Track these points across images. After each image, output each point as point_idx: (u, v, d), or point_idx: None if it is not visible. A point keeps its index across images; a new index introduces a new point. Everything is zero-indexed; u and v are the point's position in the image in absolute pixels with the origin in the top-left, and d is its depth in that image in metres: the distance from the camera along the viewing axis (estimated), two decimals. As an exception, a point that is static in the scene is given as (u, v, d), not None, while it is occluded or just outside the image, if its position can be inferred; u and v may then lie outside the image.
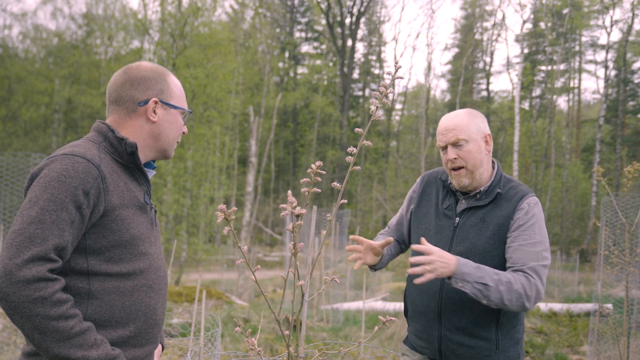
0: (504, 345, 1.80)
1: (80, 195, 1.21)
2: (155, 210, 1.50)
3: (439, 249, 1.64)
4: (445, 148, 1.85)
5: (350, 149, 1.20)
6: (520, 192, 1.82)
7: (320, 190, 1.15)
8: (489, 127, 1.89)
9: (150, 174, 1.50)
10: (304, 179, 1.14)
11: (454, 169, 1.84)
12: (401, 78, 1.26)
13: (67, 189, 1.20)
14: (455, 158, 1.81)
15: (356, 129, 1.24)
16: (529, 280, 1.66)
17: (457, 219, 1.87)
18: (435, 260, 1.60)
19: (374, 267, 2.04)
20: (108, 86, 1.46)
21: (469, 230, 1.83)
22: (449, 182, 1.93)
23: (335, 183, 1.25)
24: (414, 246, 1.68)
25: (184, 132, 1.54)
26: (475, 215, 1.84)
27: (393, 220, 2.16)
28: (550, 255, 1.76)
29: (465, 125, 1.82)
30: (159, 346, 1.57)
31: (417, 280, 1.58)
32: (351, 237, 1.95)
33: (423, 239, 1.66)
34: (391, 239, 1.90)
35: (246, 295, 11.23)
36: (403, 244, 2.14)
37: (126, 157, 1.37)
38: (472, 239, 1.81)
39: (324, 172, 1.18)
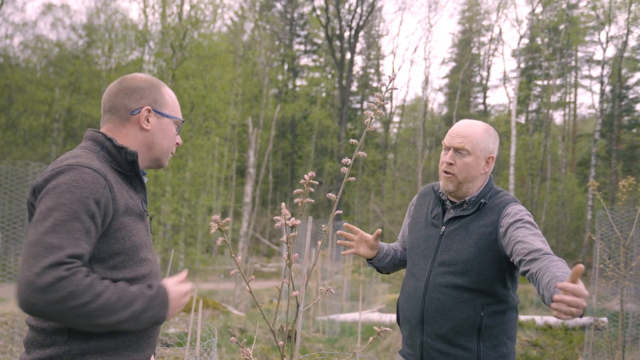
0: (487, 357, 1.79)
1: (92, 204, 1.23)
2: (150, 217, 1.53)
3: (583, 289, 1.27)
4: (448, 149, 1.88)
5: (345, 160, 1.23)
6: (504, 201, 1.85)
7: (313, 201, 1.19)
8: (497, 150, 1.91)
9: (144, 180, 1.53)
10: (297, 190, 1.17)
11: (446, 172, 1.87)
12: (396, 89, 1.31)
13: (79, 199, 1.21)
14: (451, 163, 1.85)
15: (351, 140, 1.26)
16: (563, 261, 1.54)
17: (443, 227, 1.91)
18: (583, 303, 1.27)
19: (371, 262, 2.08)
20: (103, 96, 1.49)
21: (453, 239, 1.86)
22: (440, 191, 1.97)
23: (330, 194, 1.28)
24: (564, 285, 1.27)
25: (178, 143, 1.55)
26: (460, 224, 1.87)
27: (400, 233, 2.21)
28: None
29: (476, 138, 1.84)
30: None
31: (561, 317, 1.30)
32: (345, 224, 1.98)
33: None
34: (380, 230, 1.96)
35: (243, 306, 11.18)
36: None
37: (125, 166, 1.40)
38: (455, 247, 1.84)
39: (317, 183, 1.21)
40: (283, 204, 1.13)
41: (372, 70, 37.12)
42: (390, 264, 2.11)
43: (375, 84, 36.33)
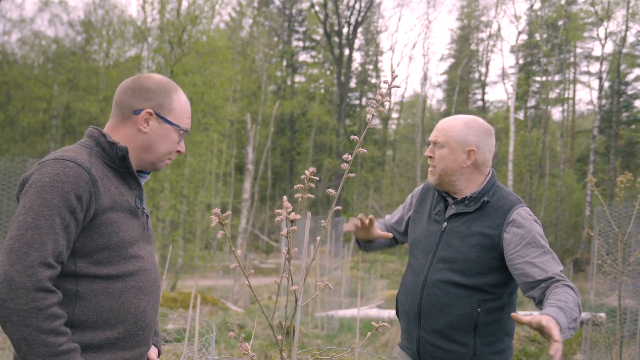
0: (482, 353, 1.79)
1: (73, 199, 1.22)
2: (147, 215, 1.50)
3: (551, 324, 1.40)
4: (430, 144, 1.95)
5: (346, 156, 1.23)
6: (509, 203, 1.82)
7: (314, 197, 1.18)
8: (484, 143, 1.88)
9: (144, 179, 1.51)
10: (298, 185, 1.16)
11: (430, 165, 1.94)
12: (397, 87, 1.30)
13: (60, 193, 1.21)
14: (430, 157, 1.90)
15: (352, 137, 1.25)
16: (572, 289, 1.61)
17: (445, 224, 1.91)
18: (550, 321, 1.40)
19: (360, 245, 2.17)
20: (117, 89, 1.49)
21: (454, 236, 1.86)
22: None
23: (330, 190, 1.28)
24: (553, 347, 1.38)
25: (179, 151, 1.51)
26: (462, 221, 1.87)
27: (394, 217, 2.21)
28: None
29: (451, 131, 1.86)
30: (155, 349, 1.58)
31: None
32: (359, 215, 2.06)
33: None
34: (391, 235, 2.02)
35: (242, 302, 11.20)
36: (394, 239, 2.22)
37: (117, 162, 1.38)
38: (456, 245, 1.84)
39: (317, 179, 1.21)
40: (285, 197, 1.12)
41: (371, 67, 37.09)
42: (379, 244, 2.21)
43: (374, 80, 36.31)
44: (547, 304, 1.57)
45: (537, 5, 27.00)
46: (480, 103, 34.34)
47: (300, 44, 36.55)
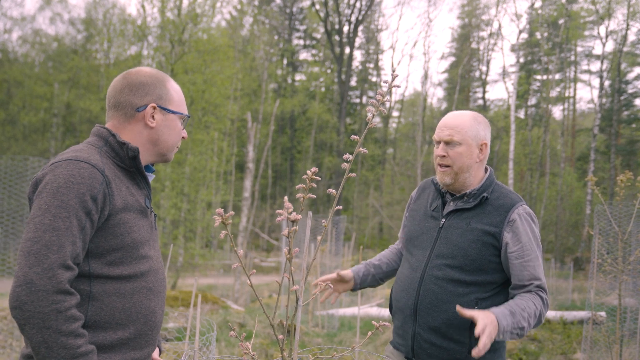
0: None
1: (88, 201, 1.22)
2: (155, 214, 1.51)
3: (482, 314, 1.64)
4: (439, 143, 1.88)
5: (346, 155, 1.23)
6: (510, 201, 1.82)
7: (315, 197, 1.18)
8: (489, 136, 1.90)
9: (150, 177, 1.51)
10: (300, 185, 1.16)
11: (441, 165, 1.87)
12: (398, 87, 1.30)
13: (76, 195, 1.20)
14: (444, 156, 1.85)
15: (352, 136, 1.26)
16: (542, 299, 1.76)
17: (443, 220, 1.90)
18: (488, 325, 1.61)
19: (354, 290, 2.17)
20: (108, 91, 1.47)
21: (452, 232, 1.85)
22: (439, 183, 1.96)
23: (330, 189, 1.28)
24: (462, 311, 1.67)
25: (183, 137, 1.54)
26: (461, 218, 1.86)
27: (401, 231, 2.21)
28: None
29: (465, 127, 1.83)
30: (156, 348, 1.59)
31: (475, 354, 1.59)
32: (314, 283, 2.00)
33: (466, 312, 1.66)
34: (338, 271, 2.07)
35: (242, 300, 11.22)
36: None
37: (128, 162, 1.38)
38: (455, 241, 1.84)
39: (319, 179, 1.21)
40: (286, 197, 1.12)
41: (372, 65, 37.05)
42: (375, 280, 2.17)
43: (374, 79, 36.28)
44: (506, 303, 1.73)
45: (538, 4, 27.00)
46: (480, 102, 34.32)
47: (301, 42, 36.53)
